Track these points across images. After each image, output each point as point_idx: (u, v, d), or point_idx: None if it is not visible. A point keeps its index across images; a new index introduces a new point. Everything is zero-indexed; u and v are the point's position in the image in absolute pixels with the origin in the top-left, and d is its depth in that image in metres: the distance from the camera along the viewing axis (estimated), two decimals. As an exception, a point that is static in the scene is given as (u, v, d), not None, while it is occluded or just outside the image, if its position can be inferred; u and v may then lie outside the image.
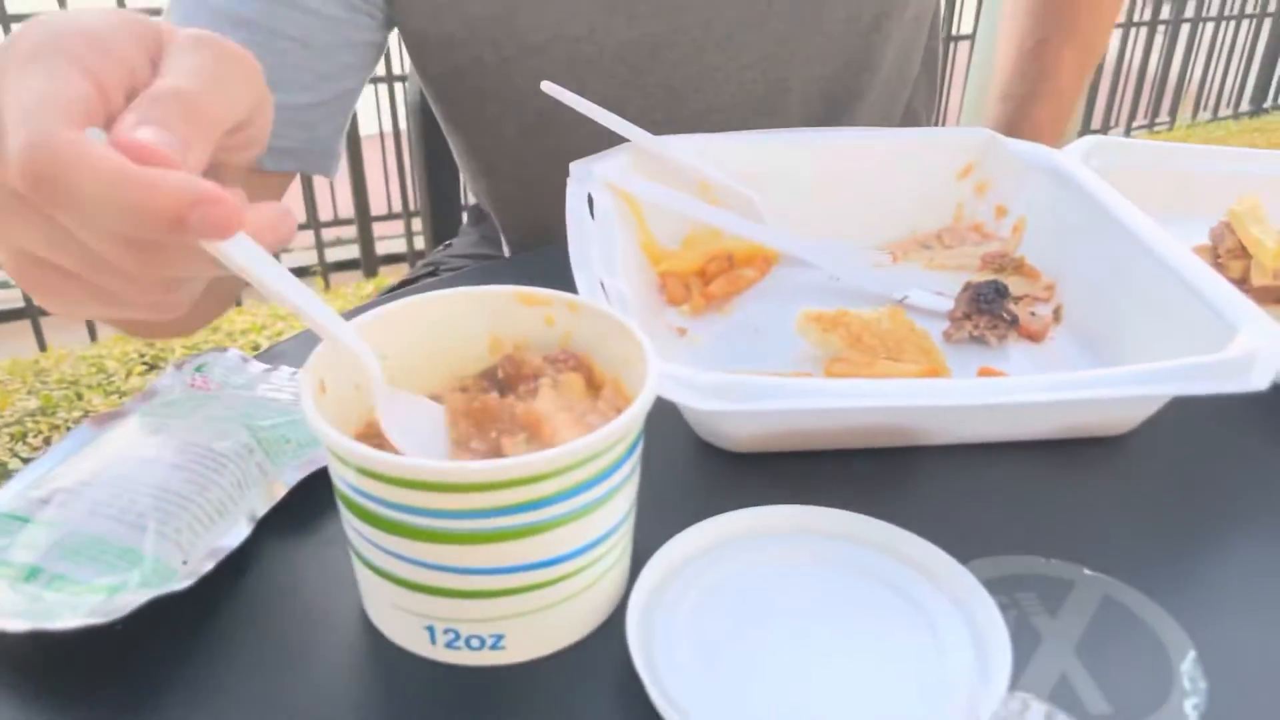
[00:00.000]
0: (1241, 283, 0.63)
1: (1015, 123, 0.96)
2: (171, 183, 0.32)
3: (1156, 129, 4.56)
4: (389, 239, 3.72)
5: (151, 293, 0.38)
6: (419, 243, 3.60)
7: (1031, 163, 0.72)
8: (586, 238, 0.59)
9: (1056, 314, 0.64)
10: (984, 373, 0.59)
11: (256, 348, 2.22)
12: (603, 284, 0.55)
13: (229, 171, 0.41)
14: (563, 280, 0.51)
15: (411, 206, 3.60)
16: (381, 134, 3.51)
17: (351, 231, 3.71)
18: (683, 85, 0.82)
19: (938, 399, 0.48)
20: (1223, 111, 4.85)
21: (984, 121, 1.00)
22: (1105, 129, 4.52)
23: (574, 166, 0.67)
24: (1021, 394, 0.48)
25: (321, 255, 3.56)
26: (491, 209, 0.98)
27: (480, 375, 0.47)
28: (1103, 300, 0.63)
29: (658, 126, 0.81)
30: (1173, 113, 4.69)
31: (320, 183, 3.49)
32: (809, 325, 0.58)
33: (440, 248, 1.17)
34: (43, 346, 3.08)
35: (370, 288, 2.88)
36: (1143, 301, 0.59)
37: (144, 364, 2.40)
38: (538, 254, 0.80)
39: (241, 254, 0.34)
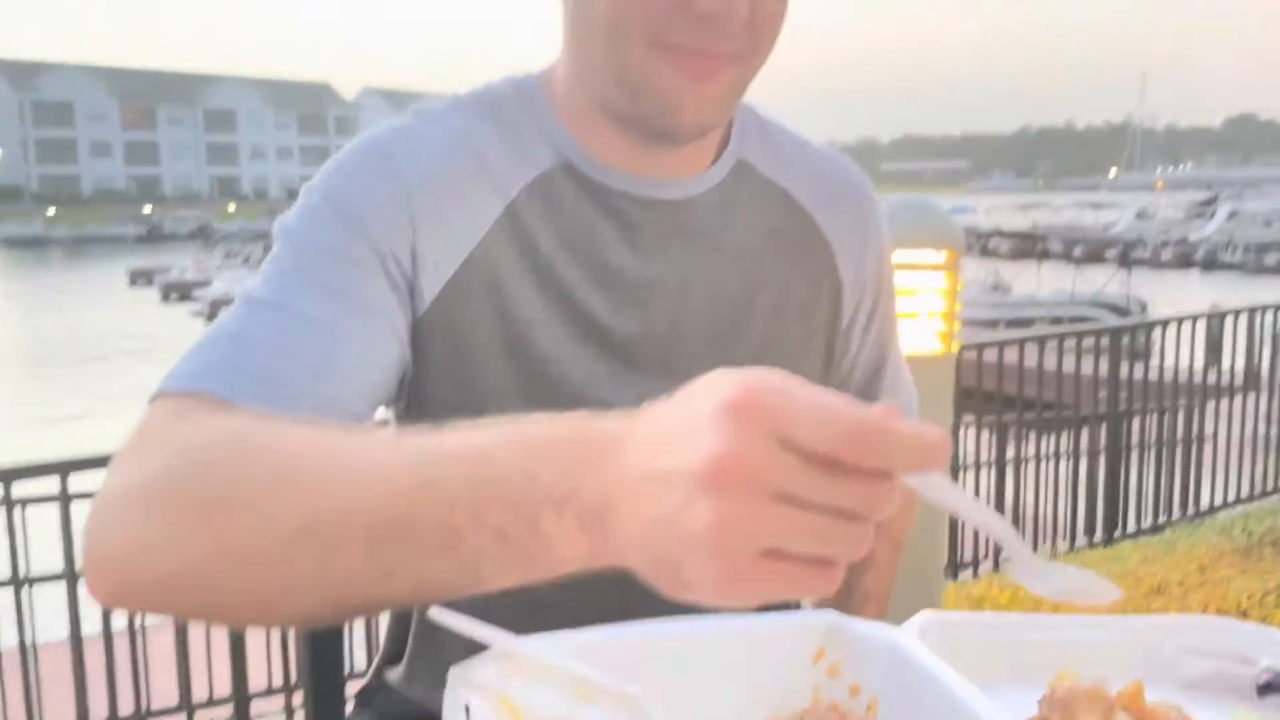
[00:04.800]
0: (1072, 752, 0.68)
1: (843, 599, 1.09)
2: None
3: (1021, 561, 4.81)
4: (267, 717, 3.54)
5: (861, 535, 0.51)
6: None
7: (875, 643, 0.78)
8: (463, 752, 0.62)
9: (915, 793, 0.68)
10: None
11: None
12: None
13: None
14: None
15: (293, 680, 3.48)
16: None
17: (226, 712, 3.53)
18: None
19: None
20: (1079, 541, 5.17)
21: None
22: (975, 564, 4.76)
23: (452, 672, 0.71)
24: None
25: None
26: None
27: None
28: (954, 777, 0.67)
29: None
30: (1034, 546, 4.99)
31: (196, 658, 3.36)
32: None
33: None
34: None
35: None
36: (987, 777, 0.64)
37: None
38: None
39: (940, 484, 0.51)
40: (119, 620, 3.23)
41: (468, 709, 0.68)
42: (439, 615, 0.74)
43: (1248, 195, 61.93)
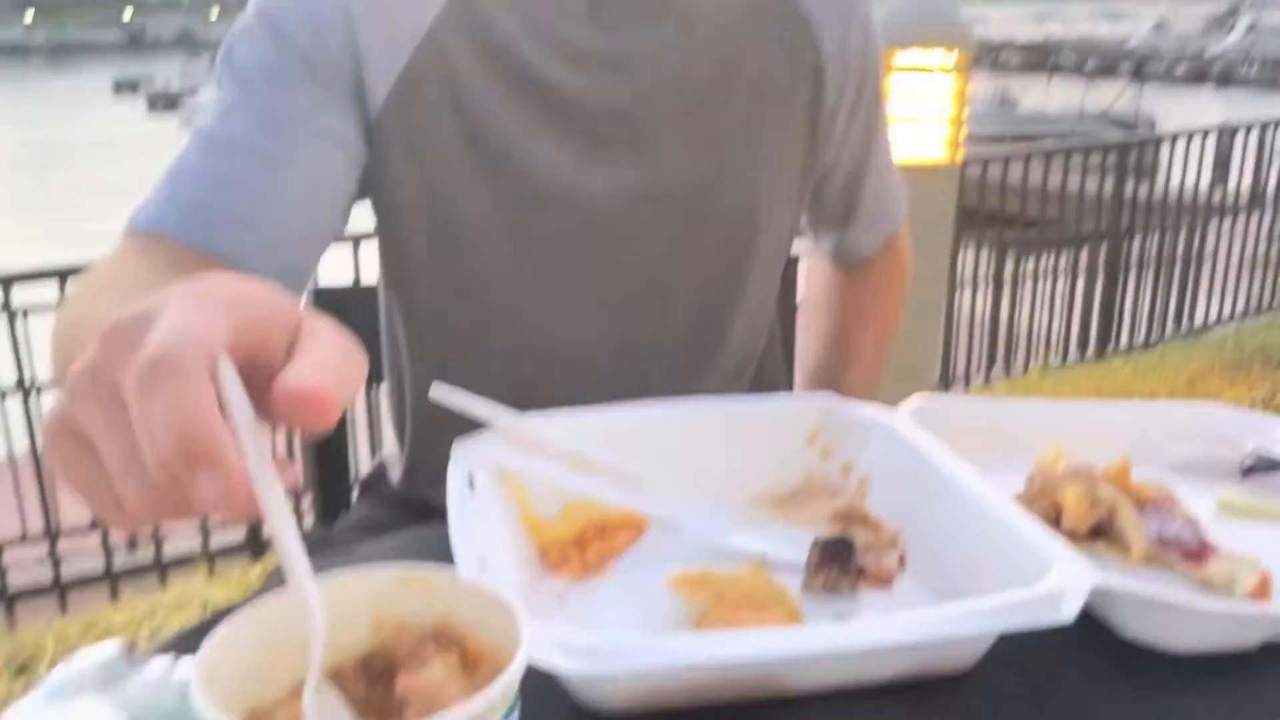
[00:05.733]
0: (1055, 524, 0.71)
1: (830, 389, 1.10)
2: (229, 452, 0.38)
3: (1012, 377, 4.89)
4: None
5: (147, 508, 0.41)
6: (307, 520, 3.55)
7: (869, 424, 0.80)
8: (468, 515, 0.64)
9: (901, 561, 0.71)
10: (838, 620, 0.64)
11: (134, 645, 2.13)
12: (483, 557, 0.59)
13: None
14: (449, 555, 0.55)
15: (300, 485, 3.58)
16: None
17: (239, 514, 3.65)
18: (597, 269, 0.95)
19: (787, 647, 0.53)
20: (1071, 357, 5.23)
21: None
22: (967, 376, 4.83)
23: (456, 446, 0.73)
24: (857, 639, 0.53)
25: (206, 541, 3.49)
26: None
27: (358, 661, 0.50)
28: (940, 547, 0.69)
29: (571, 305, 0.94)
30: (1027, 360, 5.05)
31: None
32: (678, 586, 0.63)
33: (329, 524, 1.20)
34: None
35: (256, 570, 2.81)
36: (973, 546, 0.66)
37: (13, 669, 2.27)
38: (423, 533, 0.84)
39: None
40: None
41: (471, 481, 0.69)
42: (439, 393, 0.75)
43: (1270, 6, 59.56)
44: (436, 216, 0.92)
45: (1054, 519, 0.71)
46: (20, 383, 3.02)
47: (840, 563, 0.66)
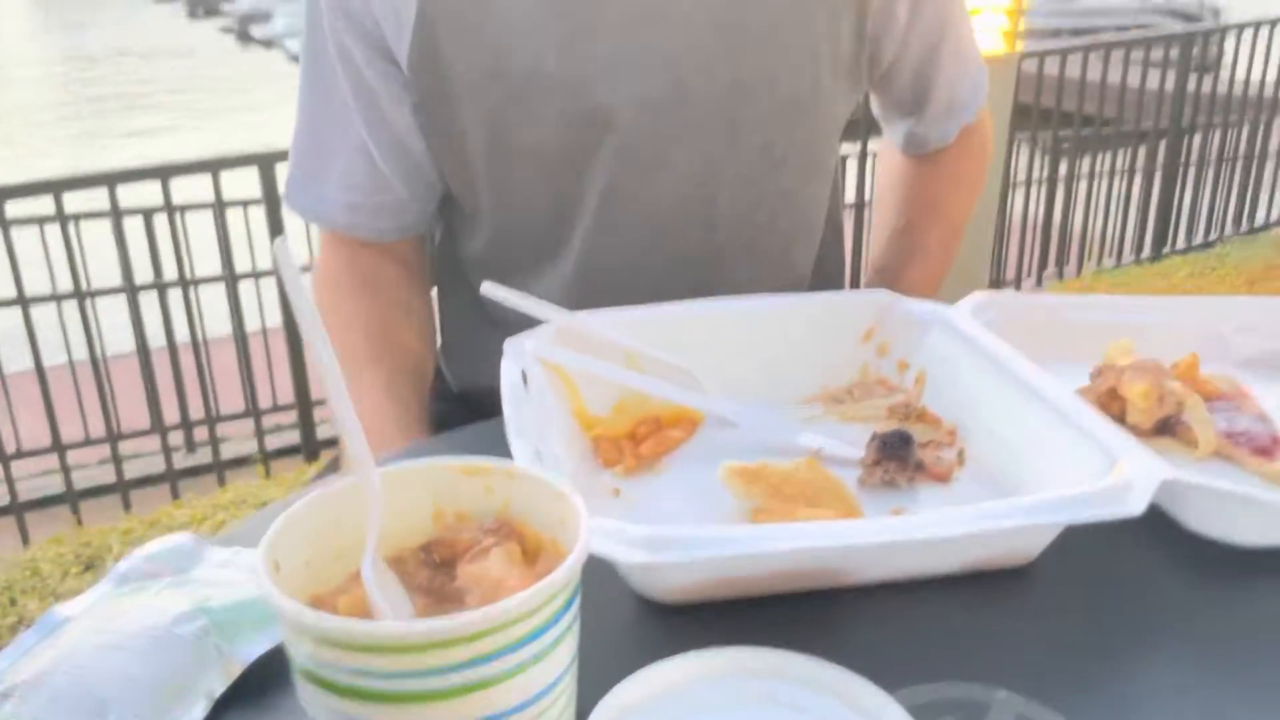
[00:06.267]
0: (1120, 420, 0.69)
1: (890, 287, 1.07)
2: None
3: (1065, 278, 4.80)
4: (328, 423, 3.73)
5: None
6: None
7: (927, 320, 0.78)
8: (522, 409, 0.64)
9: (959, 456, 0.70)
10: (896, 514, 0.63)
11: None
12: (538, 451, 0.59)
13: None
14: (504, 450, 0.55)
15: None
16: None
17: (291, 418, 3.72)
18: (633, 188, 0.93)
19: (851, 538, 0.53)
20: (1126, 258, 5.12)
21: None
22: (1018, 280, 4.75)
23: (507, 344, 0.73)
24: (925, 530, 0.53)
25: (262, 443, 3.56)
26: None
27: (418, 548, 0.50)
28: (1000, 441, 0.68)
29: (611, 224, 0.94)
30: (1080, 261, 4.95)
31: (259, 370, 3.52)
32: (733, 479, 0.63)
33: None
34: (-28, 553, 3.00)
35: (311, 472, 2.87)
36: (1034, 440, 0.65)
37: (80, 564, 2.35)
38: (478, 429, 0.84)
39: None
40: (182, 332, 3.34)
41: (525, 376, 0.69)
42: (490, 290, 0.74)
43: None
44: (467, 150, 0.93)
45: (1118, 415, 0.70)
46: (76, 289, 3.07)
47: (899, 457, 0.65)
